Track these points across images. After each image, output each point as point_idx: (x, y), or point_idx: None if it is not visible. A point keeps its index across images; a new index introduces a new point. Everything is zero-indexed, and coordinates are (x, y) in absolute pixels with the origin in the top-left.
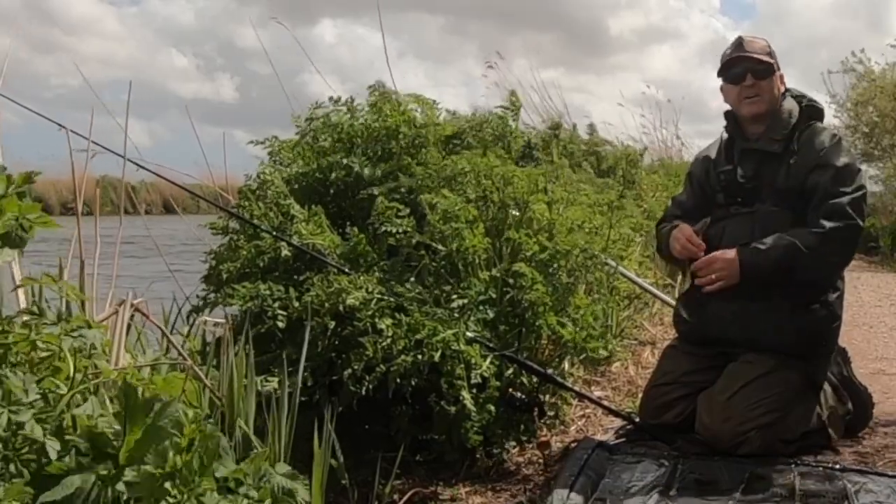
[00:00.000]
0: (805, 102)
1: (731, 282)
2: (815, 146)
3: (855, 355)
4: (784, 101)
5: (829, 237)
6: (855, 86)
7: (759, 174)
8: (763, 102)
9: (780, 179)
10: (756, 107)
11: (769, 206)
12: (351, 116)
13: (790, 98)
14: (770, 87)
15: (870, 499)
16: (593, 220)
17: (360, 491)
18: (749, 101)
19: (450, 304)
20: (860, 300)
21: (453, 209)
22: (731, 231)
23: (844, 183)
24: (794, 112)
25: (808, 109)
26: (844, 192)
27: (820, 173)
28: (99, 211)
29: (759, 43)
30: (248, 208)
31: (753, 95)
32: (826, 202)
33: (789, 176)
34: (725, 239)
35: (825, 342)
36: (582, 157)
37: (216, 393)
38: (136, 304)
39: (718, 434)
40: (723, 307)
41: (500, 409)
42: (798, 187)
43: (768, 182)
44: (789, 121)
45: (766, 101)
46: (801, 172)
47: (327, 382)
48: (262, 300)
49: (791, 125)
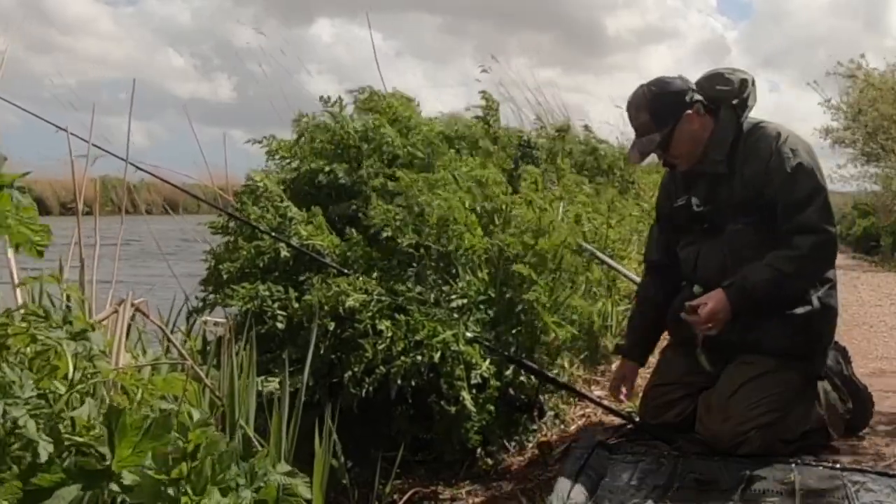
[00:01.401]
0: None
1: (725, 323)
2: (762, 151)
3: (855, 355)
4: (721, 115)
5: (808, 257)
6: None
7: (713, 196)
8: (686, 159)
9: (737, 195)
10: (684, 163)
11: (735, 225)
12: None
13: (723, 109)
14: (681, 146)
15: (870, 498)
16: (592, 221)
17: (361, 491)
18: (675, 163)
19: (449, 305)
20: (860, 300)
21: (450, 213)
22: (704, 255)
23: (802, 188)
24: (727, 125)
25: (740, 107)
26: (807, 199)
27: (773, 182)
28: (99, 211)
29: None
30: (245, 211)
31: (672, 158)
32: (793, 215)
33: (744, 188)
34: (700, 265)
35: (822, 337)
36: (581, 157)
37: (217, 393)
38: (137, 303)
39: (718, 434)
40: None
41: (499, 410)
42: (754, 199)
43: (725, 201)
44: (726, 136)
45: (687, 156)
46: (754, 183)
47: (328, 382)
48: (262, 301)
49: (729, 140)
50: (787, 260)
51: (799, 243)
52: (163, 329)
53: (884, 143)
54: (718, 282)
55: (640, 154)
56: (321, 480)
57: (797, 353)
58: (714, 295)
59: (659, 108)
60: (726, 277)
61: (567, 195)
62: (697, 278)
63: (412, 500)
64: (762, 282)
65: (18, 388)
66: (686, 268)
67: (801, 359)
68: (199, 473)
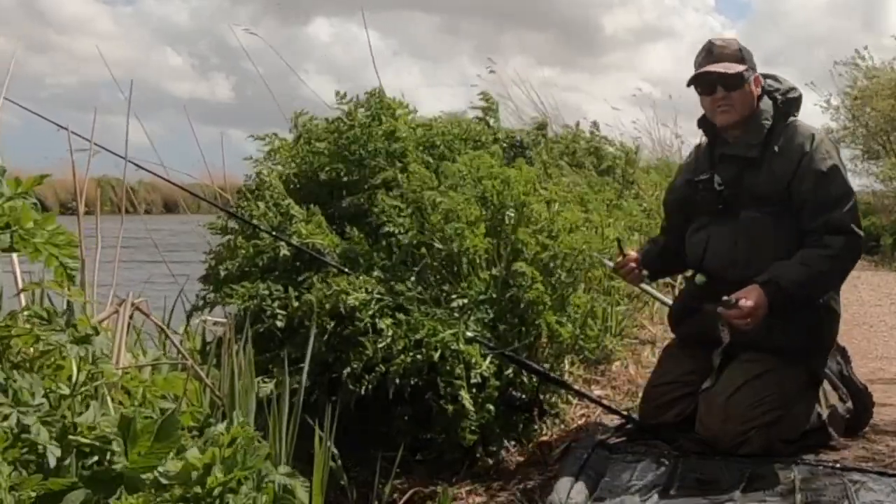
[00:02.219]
0: (780, 98)
1: (761, 319)
2: (795, 149)
3: (855, 355)
4: (761, 101)
5: (839, 257)
6: (853, 86)
7: (738, 180)
8: (735, 112)
9: (761, 185)
10: (729, 116)
11: (751, 213)
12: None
13: (766, 97)
14: (742, 97)
15: (870, 498)
16: (591, 220)
17: (360, 491)
18: (721, 109)
19: (450, 304)
20: (860, 299)
21: (455, 209)
22: (715, 239)
23: (834, 189)
24: (769, 113)
25: (786, 105)
26: (838, 201)
27: (805, 179)
28: (99, 210)
29: (730, 49)
30: (248, 208)
31: (726, 105)
32: (824, 214)
33: (770, 181)
34: (709, 251)
35: (824, 338)
36: (583, 156)
37: (216, 392)
38: (137, 303)
39: (719, 434)
40: (716, 310)
41: (499, 409)
42: (780, 192)
43: (748, 188)
44: (766, 123)
45: (738, 110)
46: (782, 177)
47: (327, 382)
48: (262, 300)
49: (767, 128)
50: (820, 259)
51: (830, 243)
52: (163, 329)
53: (884, 143)
54: (727, 268)
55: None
56: (321, 480)
57: (799, 354)
58: (753, 290)
59: (746, 51)
60: (736, 265)
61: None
62: (705, 263)
63: (412, 500)
64: (797, 281)
65: (29, 394)
66: (694, 253)
67: (803, 359)
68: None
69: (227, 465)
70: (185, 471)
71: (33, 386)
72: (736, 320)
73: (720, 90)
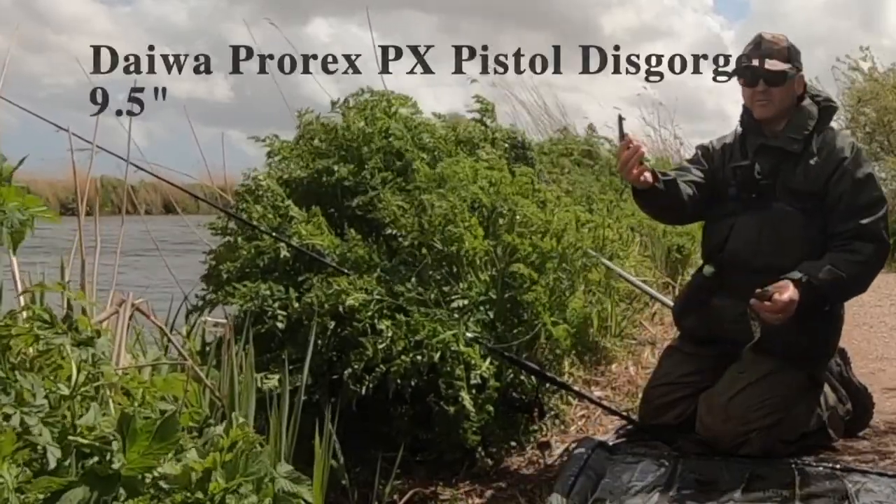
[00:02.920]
0: (822, 103)
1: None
2: (836, 152)
3: (855, 355)
4: (805, 101)
5: (868, 263)
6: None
7: (775, 172)
8: (772, 108)
9: (798, 180)
10: (765, 110)
11: (783, 206)
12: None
13: (808, 98)
14: (783, 94)
15: (870, 499)
16: (591, 220)
17: (360, 491)
18: (760, 103)
19: (450, 305)
20: (860, 300)
21: (452, 212)
22: (740, 229)
23: (871, 195)
24: (814, 113)
25: (826, 110)
26: (873, 206)
27: (842, 182)
28: (99, 211)
29: (778, 45)
30: (247, 209)
31: (765, 100)
32: (856, 219)
33: (807, 178)
34: (733, 237)
35: (827, 342)
36: (581, 156)
37: (216, 393)
38: (137, 303)
39: (719, 435)
40: (724, 307)
41: (499, 410)
42: (816, 190)
43: (784, 181)
44: (810, 122)
45: (776, 106)
46: (820, 176)
47: (327, 382)
48: (262, 300)
49: (811, 127)
50: (850, 264)
51: (861, 248)
52: (163, 329)
53: (883, 143)
54: (748, 257)
55: (772, 64)
56: (321, 481)
57: (801, 356)
58: (787, 285)
59: (794, 50)
60: (758, 254)
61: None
62: (726, 249)
63: (412, 500)
64: (828, 283)
65: (31, 395)
66: (716, 237)
67: (805, 362)
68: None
69: (228, 469)
70: (184, 475)
71: (34, 386)
72: (768, 314)
73: (761, 84)
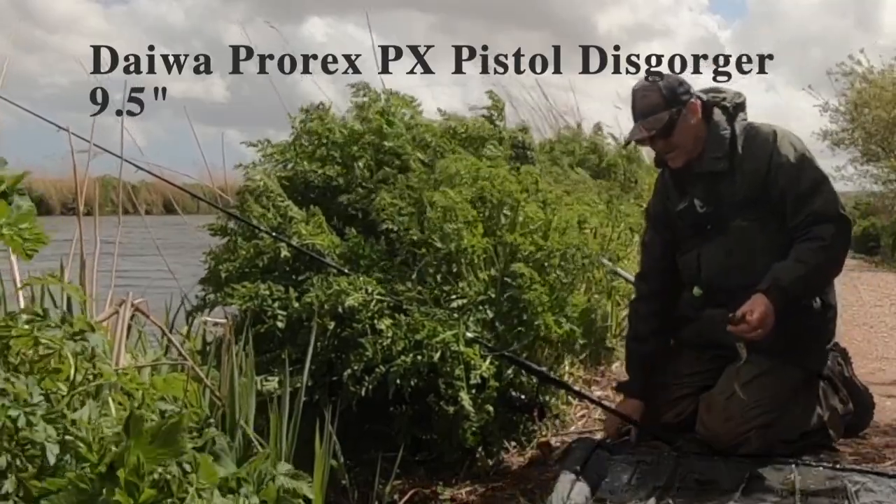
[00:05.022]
0: (730, 105)
1: (772, 326)
2: (760, 148)
3: (855, 355)
4: (712, 115)
5: (832, 245)
6: (852, 89)
7: (716, 195)
8: (682, 152)
9: (739, 192)
10: (679, 158)
11: (738, 223)
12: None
13: (716, 109)
14: (681, 135)
15: (870, 499)
16: (591, 220)
17: (360, 491)
18: (669, 157)
19: (449, 305)
20: (860, 300)
21: (453, 207)
22: (707, 257)
23: (809, 178)
24: (724, 124)
25: (736, 109)
26: (816, 188)
27: (779, 175)
28: (99, 211)
29: (650, 95)
30: (248, 208)
31: (670, 150)
32: (805, 205)
33: (745, 185)
34: (703, 266)
35: (822, 334)
36: (583, 155)
37: (217, 393)
38: (137, 303)
39: (719, 434)
40: (716, 315)
41: (499, 410)
42: (758, 195)
43: (728, 200)
44: (724, 134)
45: (684, 150)
46: (755, 178)
47: (327, 382)
48: (262, 300)
49: (728, 139)
50: (815, 252)
51: (821, 233)
52: (162, 329)
53: (882, 144)
54: (724, 278)
55: (647, 130)
56: (321, 480)
57: (797, 352)
58: (757, 300)
59: (669, 90)
60: (732, 273)
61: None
62: (702, 277)
63: (412, 500)
64: (797, 278)
65: (28, 395)
66: (688, 271)
67: (801, 357)
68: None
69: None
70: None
71: (30, 387)
72: (747, 334)
73: (659, 142)
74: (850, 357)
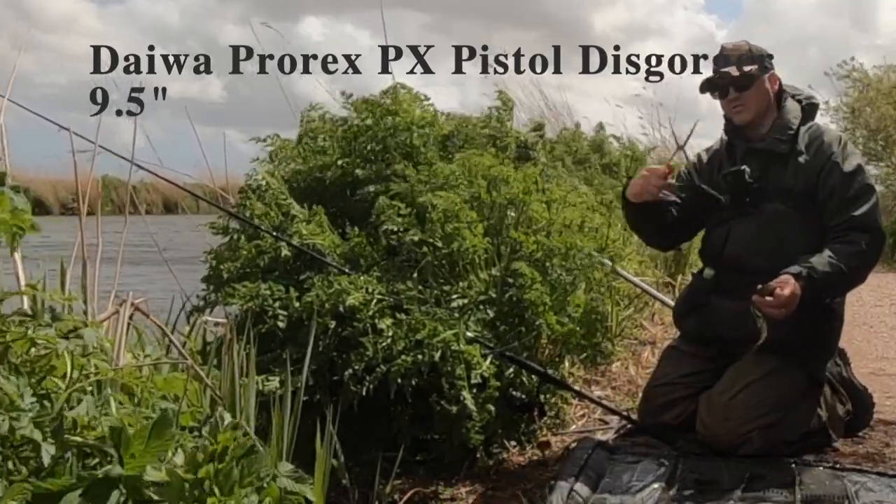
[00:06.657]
0: (804, 102)
1: (794, 310)
2: (823, 147)
3: (855, 355)
4: (786, 101)
5: (866, 253)
6: (849, 93)
7: (765, 174)
8: (749, 111)
9: (788, 179)
10: (743, 115)
11: (777, 206)
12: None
13: (790, 99)
14: (755, 96)
15: (870, 499)
16: (592, 220)
17: (361, 491)
18: (736, 110)
19: (450, 304)
20: (860, 300)
21: (452, 209)
22: (737, 232)
23: (860, 186)
24: (796, 112)
25: (809, 108)
26: (864, 197)
27: (832, 176)
28: (100, 211)
29: (739, 51)
30: (249, 207)
31: (739, 105)
32: (849, 210)
33: (797, 176)
34: (731, 241)
35: (827, 340)
36: (585, 154)
37: (217, 393)
38: (137, 303)
39: (719, 434)
40: (724, 307)
41: (500, 409)
42: (807, 188)
43: (775, 182)
44: (793, 121)
45: (752, 109)
46: (810, 173)
47: (328, 382)
48: (263, 300)
49: (796, 125)
50: (849, 256)
51: (857, 239)
52: (163, 329)
53: (883, 144)
54: (748, 259)
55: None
56: (321, 480)
57: (801, 355)
58: (787, 280)
59: (759, 52)
60: (758, 254)
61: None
62: (725, 253)
63: (412, 500)
64: (827, 274)
65: (18, 397)
66: (713, 245)
67: (805, 361)
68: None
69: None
70: (176, 483)
71: (20, 388)
72: (770, 309)
73: (732, 91)
74: (849, 358)
